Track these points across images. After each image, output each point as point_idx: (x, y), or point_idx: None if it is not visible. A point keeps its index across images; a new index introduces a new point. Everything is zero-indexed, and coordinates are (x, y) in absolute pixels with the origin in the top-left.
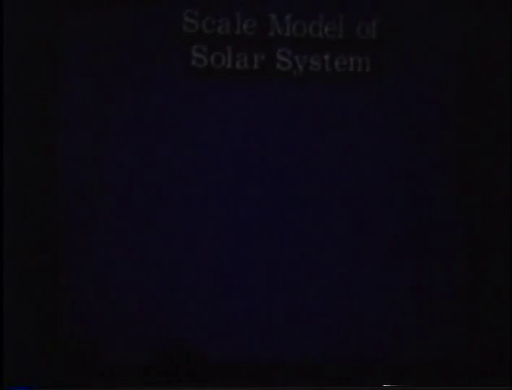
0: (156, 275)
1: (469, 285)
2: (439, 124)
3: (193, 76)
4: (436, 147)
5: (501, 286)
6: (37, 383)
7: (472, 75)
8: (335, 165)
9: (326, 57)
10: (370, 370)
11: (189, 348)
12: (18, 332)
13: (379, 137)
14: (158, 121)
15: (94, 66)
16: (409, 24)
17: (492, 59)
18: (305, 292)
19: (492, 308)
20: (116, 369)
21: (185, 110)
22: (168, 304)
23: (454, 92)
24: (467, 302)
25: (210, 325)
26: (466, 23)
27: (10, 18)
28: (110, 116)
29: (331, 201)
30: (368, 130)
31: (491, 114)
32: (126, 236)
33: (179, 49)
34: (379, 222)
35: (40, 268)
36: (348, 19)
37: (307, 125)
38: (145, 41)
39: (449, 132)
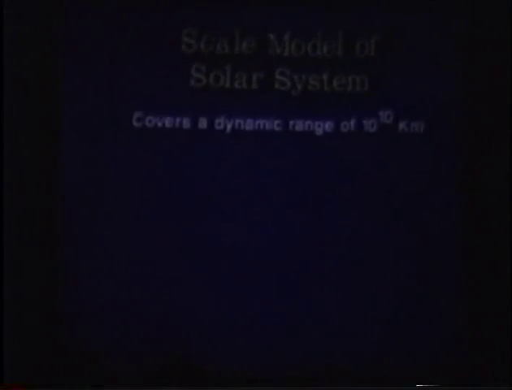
0: (156, 283)
1: (469, 285)
2: (439, 143)
3: (192, 96)
4: (438, 166)
5: (502, 286)
6: (37, 383)
7: (474, 93)
8: (335, 182)
9: (324, 76)
10: (370, 371)
11: (188, 359)
12: (17, 333)
13: (378, 156)
14: (156, 140)
15: (92, 84)
16: (408, 41)
17: (495, 77)
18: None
19: (492, 308)
20: (116, 369)
21: (184, 129)
22: (168, 312)
23: (456, 110)
24: (468, 302)
25: (210, 335)
26: (467, 39)
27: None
28: (108, 132)
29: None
30: (367, 149)
31: (495, 135)
32: (127, 242)
33: (177, 68)
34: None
35: (40, 269)
36: (346, 37)
37: (306, 144)
38: (143, 60)
39: (451, 150)
